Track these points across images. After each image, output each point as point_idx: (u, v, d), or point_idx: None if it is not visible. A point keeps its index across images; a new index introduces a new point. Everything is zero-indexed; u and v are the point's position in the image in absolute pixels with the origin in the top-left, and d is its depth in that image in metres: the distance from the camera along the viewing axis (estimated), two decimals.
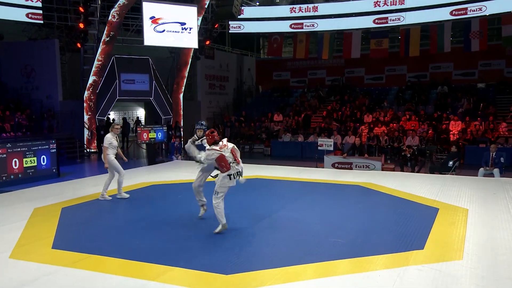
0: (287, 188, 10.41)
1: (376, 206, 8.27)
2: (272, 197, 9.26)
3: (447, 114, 18.63)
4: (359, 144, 14.42)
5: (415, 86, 22.45)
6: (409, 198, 8.80)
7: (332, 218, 7.38)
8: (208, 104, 24.04)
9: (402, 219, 7.26)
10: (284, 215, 7.58)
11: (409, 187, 9.99)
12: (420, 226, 6.75)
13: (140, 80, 19.95)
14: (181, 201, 8.87)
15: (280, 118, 22.04)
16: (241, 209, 7.87)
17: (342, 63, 25.47)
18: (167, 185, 10.60)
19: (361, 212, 7.77)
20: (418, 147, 15.38)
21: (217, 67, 24.60)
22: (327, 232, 6.55)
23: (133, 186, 10.29)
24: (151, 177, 11.63)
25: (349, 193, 9.68)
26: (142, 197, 9.23)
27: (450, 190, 9.45)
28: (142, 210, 8.03)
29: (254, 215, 7.57)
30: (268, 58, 28.66)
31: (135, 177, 11.76)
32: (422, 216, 7.40)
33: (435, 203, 8.30)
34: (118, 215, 7.66)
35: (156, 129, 15.32)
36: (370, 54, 20.91)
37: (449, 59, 22.15)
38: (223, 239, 6.24)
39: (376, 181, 10.80)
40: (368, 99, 21.97)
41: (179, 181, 11.00)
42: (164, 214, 7.73)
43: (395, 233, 6.46)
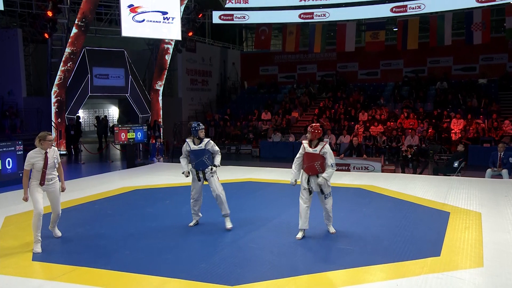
0: (283, 191, 10.39)
1: (382, 210, 8.32)
2: (268, 201, 9.24)
3: (447, 112, 18.93)
4: (357, 144, 14.52)
5: (413, 82, 22.78)
6: (416, 202, 8.90)
7: (337, 223, 7.36)
8: (190, 101, 23.92)
9: (412, 224, 7.33)
10: (285, 221, 7.56)
11: (414, 189, 10.11)
12: (432, 231, 6.82)
13: (114, 75, 19.73)
14: (170, 207, 8.78)
15: (268, 116, 22.08)
16: (237, 214, 7.81)
17: (334, 57, 25.67)
18: (151, 189, 10.50)
19: (367, 217, 7.81)
20: (419, 147, 15.58)
21: (199, 61, 24.50)
22: (334, 239, 6.56)
23: (114, 191, 10.16)
24: (133, 181, 11.50)
25: (350, 196, 9.72)
26: (126, 203, 9.11)
27: (458, 193, 9.59)
28: (128, 217, 7.92)
29: (252, 220, 7.56)
30: (254, 51, 28.67)
31: (115, 181, 11.63)
32: (433, 220, 7.48)
33: (445, 206, 8.40)
34: (101, 223, 7.52)
35: (135, 129, 15.13)
36: (366, 47, 21.14)
37: (449, 52, 22.54)
38: (223, 247, 6.19)
39: (378, 184, 10.89)
40: (362, 96, 22.17)
41: (164, 185, 10.91)
42: (153, 221, 7.64)
43: (407, 239, 6.51)
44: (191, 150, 7.11)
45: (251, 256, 5.94)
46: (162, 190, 10.32)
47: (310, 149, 6.66)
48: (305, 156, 6.68)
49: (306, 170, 6.69)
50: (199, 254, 5.92)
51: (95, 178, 12.16)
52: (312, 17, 20.32)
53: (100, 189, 10.45)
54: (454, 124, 17.96)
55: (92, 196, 9.64)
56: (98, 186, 10.75)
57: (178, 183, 10.72)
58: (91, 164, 16.26)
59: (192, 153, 7.11)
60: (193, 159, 7.12)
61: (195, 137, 7.10)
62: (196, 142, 7.10)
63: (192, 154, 7.11)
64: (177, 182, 11.04)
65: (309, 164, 6.65)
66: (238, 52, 28.78)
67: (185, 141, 7.20)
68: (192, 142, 7.12)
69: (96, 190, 10.23)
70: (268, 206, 8.38)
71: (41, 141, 6.19)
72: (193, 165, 7.16)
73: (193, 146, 7.10)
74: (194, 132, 7.09)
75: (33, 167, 6.16)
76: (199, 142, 7.10)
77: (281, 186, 10.97)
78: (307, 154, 6.67)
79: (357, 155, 14.29)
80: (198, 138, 7.08)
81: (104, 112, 34.59)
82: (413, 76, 23.28)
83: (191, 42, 23.28)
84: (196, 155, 7.09)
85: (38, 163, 6.14)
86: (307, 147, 6.69)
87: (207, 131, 21.61)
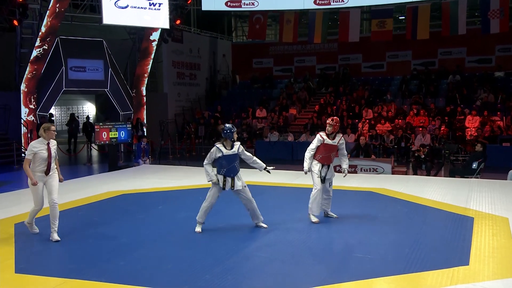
0: (286, 196, 10.42)
1: (398, 216, 8.37)
2: (271, 207, 9.20)
3: (461, 108, 19.09)
4: (364, 144, 14.58)
5: (422, 75, 22.93)
6: (435, 206, 8.97)
7: (351, 230, 7.41)
8: (176, 97, 23.82)
9: (434, 230, 7.38)
10: (293, 227, 7.58)
11: (431, 193, 10.18)
12: (457, 238, 6.87)
13: (92, 67, 19.53)
14: (163, 212, 8.75)
15: (264, 113, 22.11)
16: (239, 221, 7.82)
17: (335, 48, 25.76)
18: (140, 194, 10.47)
19: (383, 223, 7.84)
20: (432, 147, 15.69)
21: (186, 52, 24.42)
22: (350, 247, 6.58)
23: (99, 197, 10.12)
24: (118, 185, 11.46)
25: (361, 201, 9.77)
26: (114, 209, 9.06)
27: (480, 196, 9.67)
28: (118, 225, 7.87)
29: (256, 227, 7.55)
30: (247, 42, 28.68)
31: (98, 185, 11.56)
32: (456, 226, 7.53)
33: (467, 211, 8.47)
34: (89, 231, 7.45)
35: (118, 127, 15.05)
36: (372, 37, 21.21)
37: (462, 43, 22.71)
38: (227, 256, 6.16)
39: (390, 186, 10.95)
40: (367, 91, 22.28)
41: (154, 189, 10.88)
42: (147, 228, 7.61)
43: (430, 246, 6.54)
44: (224, 155, 7.11)
45: (260, 266, 5.92)
46: (152, 195, 10.28)
47: (329, 140, 7.78)
48: (322, 147, 7.76)
49: (321, 160, 7.81)
50: (202, 264, 5.89)
51: (75, 182, 12.06)
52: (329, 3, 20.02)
53: (82, 194, 10.36)
54: (469, 121, 18.11)
55: (75, 201, 9.56)
56: (80, 191, 10.66)
57: (170, 187, 10.69)
58: (66, 167, 16.14)
59: (225, 159, 7.13)
60: (224, 165, 7.15)
61: (230, 140, 7.15)
62: (228, 146, 7.17)
63: (225, 160, 7.13)
64: (168, 186, 11.00)
65: (326, 154, 7.82)
66: (229, 43, 28.75)
67: (215, 146, 7.18)
68: (223, 146, 7.15)
69: (78, 195, 10.15)
70: (272, 212, 8.36)
71: (46, 131, 6.96)
72: (223, 172, 7.17)
73: (226, 151, 7.14)
74: (229, 135, 7.14)
75: (34, 157, 6.78)
76: (231, 146, 7.16)
77: (283, 190, 10.98)
78: (325, 145, 7.76)
79: (364, 156, 14.34)
80: (232, 140, 7.15)
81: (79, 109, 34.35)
82: (423, 69, 23.43)
83: (177, 32, 23.21)
84: (229, 160, 7.14)
85: (41, 152, 6.81)
86: (326, 139, 7.76)
87: (196, 130, 21.60)
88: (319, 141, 7.77)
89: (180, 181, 11.95)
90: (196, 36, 25.81)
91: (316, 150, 7.81)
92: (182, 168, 14.66)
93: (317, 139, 7.80)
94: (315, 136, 8.00)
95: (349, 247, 6.58)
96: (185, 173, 13.32)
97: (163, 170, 14.14)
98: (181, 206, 9.27)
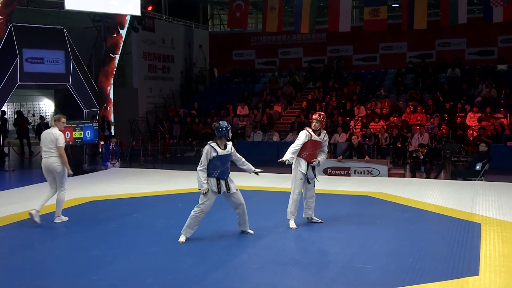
0: (275, 200, 10.40)
1: (399, 222, 8.44)
2: (258, 213, 9.17)
3: (462, 104, 19.34)
4: (357, 143, 14.67)
5: (419, 69, 23.18)
6: (438, 211, 9.08)
7: (348, 238, 7.45)
8: (148, 92, 23.65)
9: (439, 237, 7.46)
10: (284, 235, 7.64)
11: (433, 197, 10.31)
12: (464, 246, 6.96)
13: (51, 59, 19.27)
14: (139, 221, 8.71)
15: (246, 111, 22.10)
16: (225, 229, 7.84)
17: (323, 38, 25.88)
18: (111, 201, 10.42)
19: (383, 230, 7.91)
20: (431, 147, 15.86)
21: (158, 42, 24.27)
22: (348, 257, 6.60)
23: (65, 203, 9.81)
24: (85, 191, 11.39)
25: (357, 206, 9.84)
26: (83, 218, 9.00)
27: (486, 200, 9.82)
28: (88, 235, 7.80)
29: (244, 236, 7.58)
30: (226, 31, 28.64)
31: None
32: (463, 233, 7.63)
33: (473, 216, 8.59)
34: (55, 243, 7.38)
35: (83, 126, 14.90)
36: (364, 27, 21.34)
37: (461, 33, 23.00)
38: (214, 268, 6.13)
39: (387, 190, 11.07)
40: (359, 86, 22.43)
41: (126, 195, 10.84)
42: (121, 238, 7.57)
43: (436, 255, 6.61)
44: (218, 155, 7.06)
45: (250, 278, 5.92)
46: (125, 201, 10.23)
47: (316, 137, 7.99)
48: (310, 144, 7.98)
49: (307, 158, 8.03)
50: (186, 277, 5.86)
51: (34, 188, 11.84)
52: None
53: None
54: (470, 119, 18.37)
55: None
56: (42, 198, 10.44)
57: (144, 193, 10.65)
58: (22, 171, 15.92)
59: (219, 159, 7.10)
60: (218, 166, 7.12)
61: (226, 139, 7.12)
62: (222, 145, 7.15)
63: (219, 160, 7.10)
64: (141, 191, 10.94)
65: (313, 152, 8.07)
66: (206, 33, 28.66)
67: (208, 145, 7.12)
68: (217, 145, 7.10)
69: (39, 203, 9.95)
70: (259, 218, 8.37)
71: (56, 122, 8.47)
72: (216, 174, 7.14)
73: (221, 151, 7.10)
74: (224, 133, 7.11)
75: None
76: (224, 145, 7.14)
77: (269, 194, 11.01)
78: (312, 141, 7.98)
79: (358, 157, 14.43)
80: (228, 139, 7.14)
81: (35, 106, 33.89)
82: (419, 62, 23.67)
83: (149, 19, 23.06)
84: (223, 161, 7.14)
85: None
86: (313, 135, 7.97)
87: (170, 129, 21.49)
88: (306, 137, 7.93)
89: (154, 186, 11.89)
90: (170, 25, 25.66)
91: (302, 147, 7.95)
92: (155, 172, 14.58)
93: (305, 135, 7.95)
94: (302, 131, 8.11)
95: (347, 257, 6.59)
96: (159, 177, 13.24)
97: (135, 174, 14.04)
98: (159, 214, 9.22)
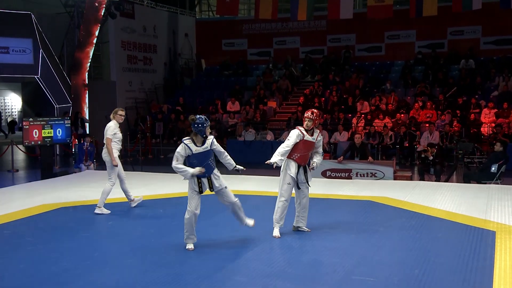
0: (268, 206, 10.31)
1: (404, 230, 8.43)
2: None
3: (476, 99, 19.39)
4: (359, 143, 14.69)
5: (429, 60, 23.24)
6: (448, 218, 9.09)
7: (347, 247, 7.45)
8: (127, 86, 23.65)
9: (448, 246, 7.46)
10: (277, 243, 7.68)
11: (443, 202, 10.34)
12: (477, 256, 6.95)
13: (18, 48, 19.32)
14: (114, 229, 8.71)
15: (237, 107, 22.12)
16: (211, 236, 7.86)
17: (323, 26, 25.95)
18: (84, 207, 10.40)
19: (387, 239, 7.91)
20: (442, 146, 15.90)
21: (139, 30, 24.26)
22: (347, 267, 6.58)
23: (31, 211, 10.01)
24: (55, 196, 11.37)
25: (359, 212, 9.85)
26: (51, 227, 8.98)
27: (502, 206, 9.84)
28: (56, 246, 7.75)
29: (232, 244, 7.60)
30: (214, 18, 28.63)
31: (29, 196, 11.49)
32: (475, 242, 7.62)
33: (487, 223, 8.60)
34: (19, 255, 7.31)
35: (53, 124, 14.84)
36: (368, 14, 21.37)
37: (477, 20, 23.08)
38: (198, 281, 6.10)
39: (393, 195, 11.10)
40: (362, 79, 22.46)
41: None
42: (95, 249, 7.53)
43: (445, 266, 6.60)
44: (193, 154, 7.13)
45: None
46: None
47: (309, 137, 7.99)
48: (302, 144, 7.96)
49: (299, 160, 8.01)
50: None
51: None
52: None
53: (9, 207, 10.23)
54: (485, 115, 18.42)
55: None
56: (5, 205, 10.54)
57: (121, 198, 10.58)
58: None
59: (195, 157, 7.16)
60: (196, 164, 7.16)
61: (202, 135, 7.14)
62: (199, 142, 7.18)
63: (195, 159, 7.17)
64: (118, 196, 10.87)
65: (304, 153, 8.05)
66: (193, 20, 28.67)
67: (182, 143, 7.18)
68: (193, 143, 7.16)
69: (2, 210, 10.00)
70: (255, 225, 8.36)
71: (114, 115, 9.82)
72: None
73: (196, 148, 7.15)
74: (200, 130, 7.11)
75: (114, 137, 9.65)
76: (202, 142, 7.17)
77: (261, 199, 11.01)
78: (305, 142, 7.97)
79: (360, 158, 14.46)
80: (204, 136, 7.15)
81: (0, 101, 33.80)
82: (429, 53, 23.72)
83: (128, 4, 23.04)
84: (200, 159, 7.17)
85: (118, 134, 9.80)
86: (306, 135, 7.96)
87: (152, 127, 21.45)
88: (298, 137, 7.91)
89: (134, 191, 11.68)
90: (151, 11, 25.65)
91: (293, 148, 7.95)
92: (135, 175, 14.51)
93: (296, 135, 7.92)
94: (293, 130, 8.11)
95: (345, 268, 6.55)
96: (140, 181, 13.19)
97: None
98: (137, 221, 9.24)
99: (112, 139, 9.66)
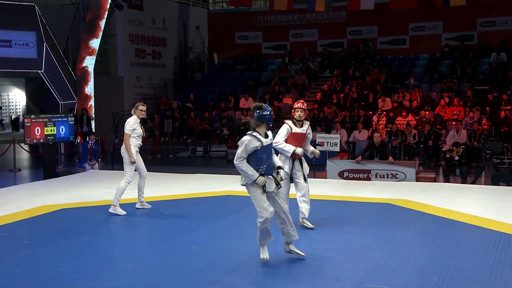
0: None
1: (424, 235, 8.42)
2: None
3: (507, 96, 19.23)
4: (379, 142, 14.64)
5: (456, 53, 23.05)
6: (473, 222, 9.02)
7: (362, 252, 7.43)
8: (135, 82, 23.76)
9: (470, 253, 7.40)
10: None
11: (468, 205, 10.26)
12: (502, 264, 6.90)
13: (21, 42, 19.44)
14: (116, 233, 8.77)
15: (250, 103, 22.04)
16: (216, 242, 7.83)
17: (342, 18, 25.83)
18: (86, 208, 10.49)
19: (405, 244, 7.89)
20: (469, 146, 15.79)
21: (148, 23, 24.35)
22: (361, 274, 6.57)
23: (30, 212, 10.06)
24: (57, 197, 11.44)
25: (376, 215, 9.83)
26: (51, 229, 9.01)
27: None
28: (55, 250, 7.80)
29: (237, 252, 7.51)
30: (228, 10, 28.63)
31: (29, 197, 11.52)
32: (501, 248, 7.57)
33: None
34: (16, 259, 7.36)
35: (57, 121, 14.96)
36: (391, 4, 21.28)
37: (508, 10, 22.82)
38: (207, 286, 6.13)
39: (413, 197, 11.05)
40: (384, 74, 22.35)
41: (104, 202, 10.74)
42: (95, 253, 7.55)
43: (466, 274, 6.57)
44: (263, 146, 6.65)
45: None
46: (102, 209, 10.19)
47: (298, 129, 8.41)
48: (291, 137, 8.36)
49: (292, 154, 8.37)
50: None
51: None
52: None
53: (7, 209, 10.28)
54: None
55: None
56: (4, 205, 10.61)
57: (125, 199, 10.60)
58: None
59: (265, 151, 6.71)
60: (264, 159, 6.72)
61: (269, 125, 6.72)
62: (263, 134, 6.73)
63: (264, 152, 6.71)
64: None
65: (297, 146, 8.39)
66: (205, 11, 28.73)
67: (249, 135, 6.69)
68: (260, 134, 6.70)
69: (2, 211, 10.07)
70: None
71: (134, 109, 10.13)
72: (263, 170, 6.73)
73: (266, 140, 6.70)
74: (268, 118, 6.66)
75: (133, 132, 9.96)
76: (265, 134, 6.75)
77: None
78: (294, 135, 8.37)
79: (380, 158, 14.42)
80: (268, 128, 6.78)
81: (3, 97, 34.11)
82: (457, 45, 23.55)
83: None
84: (268, 153, 6.78)
85: (138, 129, 10.11)
86: (294, 127, 8.39)
87: (161, 125, 21.51)
88: (287, 131, 8.36)
89: None
90: (161, 2, 25.73)
91: None
92: None
93: (285, 129, 8.38)
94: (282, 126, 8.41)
95: (359, 275, 6.54)
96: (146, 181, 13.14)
97: (116, 177, 13.85)
98: (140, 224, 9.26)
99: (131, 135, 9.99)
